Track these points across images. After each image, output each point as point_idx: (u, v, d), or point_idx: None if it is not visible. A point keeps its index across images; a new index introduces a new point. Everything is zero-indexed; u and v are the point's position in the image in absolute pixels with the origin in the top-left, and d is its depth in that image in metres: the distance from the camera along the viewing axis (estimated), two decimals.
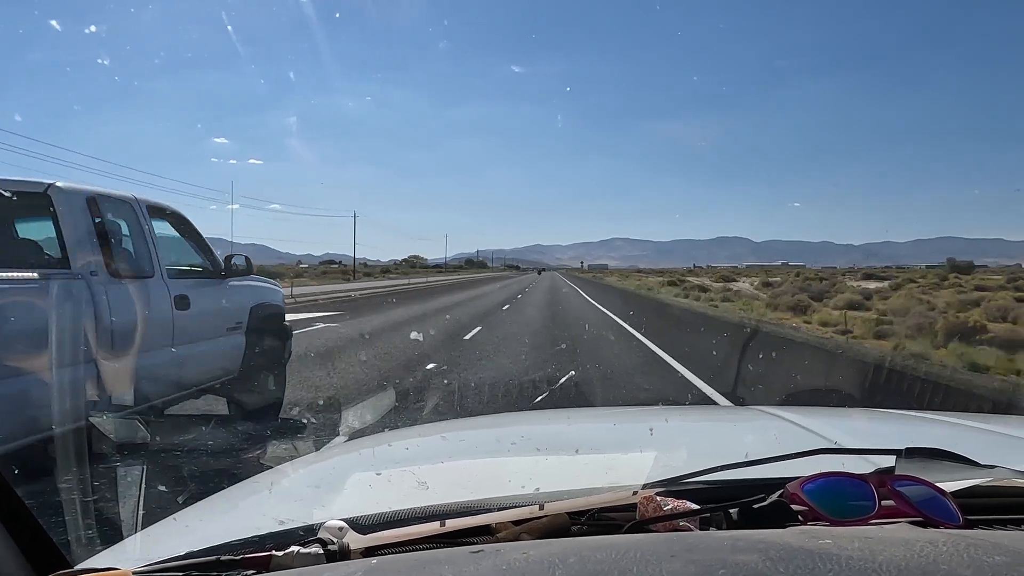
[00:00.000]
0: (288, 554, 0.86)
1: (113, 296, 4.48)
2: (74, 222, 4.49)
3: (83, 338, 4.18)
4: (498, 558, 0.72)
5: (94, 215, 4.65)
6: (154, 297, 4.95)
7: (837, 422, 1.92)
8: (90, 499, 3.70)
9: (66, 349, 3.98)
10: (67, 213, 4.48)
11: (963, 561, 0.65)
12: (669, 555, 0.68)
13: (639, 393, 8.03)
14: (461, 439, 1.83)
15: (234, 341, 5.93)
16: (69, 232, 4.44)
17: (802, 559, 0.65)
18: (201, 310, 5.45)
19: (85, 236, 4.51)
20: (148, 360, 4.67)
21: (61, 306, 4.09)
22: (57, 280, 4.19)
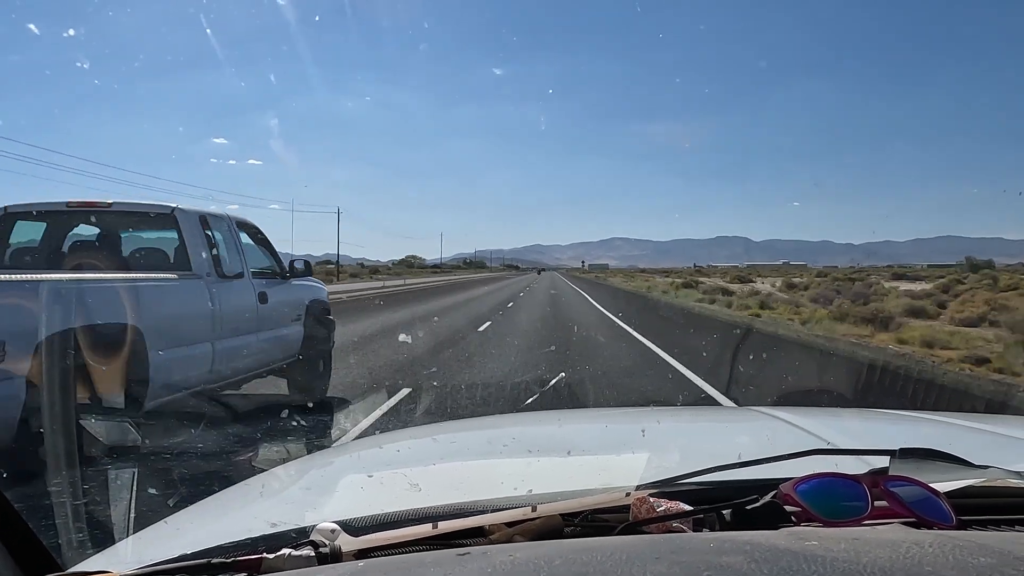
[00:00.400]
0: (279, 556, 0.86)
1: (220, 292, 5.75)
2: (192, 235, 5.77)
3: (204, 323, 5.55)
4: (484, 560, 0.72)
5: (204, 229, 5.92)
6: (245, 293, 6.24)
7: (831, 422, 1.93)
8: (81, 502, 3.69)
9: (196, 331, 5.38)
10: (187, 228, 5.76)
11: (948, 562, 0.65)
12: (654, 557, 0.69)
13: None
14: (453, 441, 1.84)
15: (296, 330, 7.10)
16: (190, 243, 5.73)
17: (787, 561, 0.65)
18: (275, 304, 6.64)
19: (201, 246, 5.79)
20: (240, 342, 5.93)
21: (190, 299, 5.45)
22: (187, 280, 5.55)
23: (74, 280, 4.66)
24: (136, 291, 4.82)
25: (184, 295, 5.48)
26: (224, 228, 6.36)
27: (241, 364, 6.08)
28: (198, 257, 5.76)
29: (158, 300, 5.14)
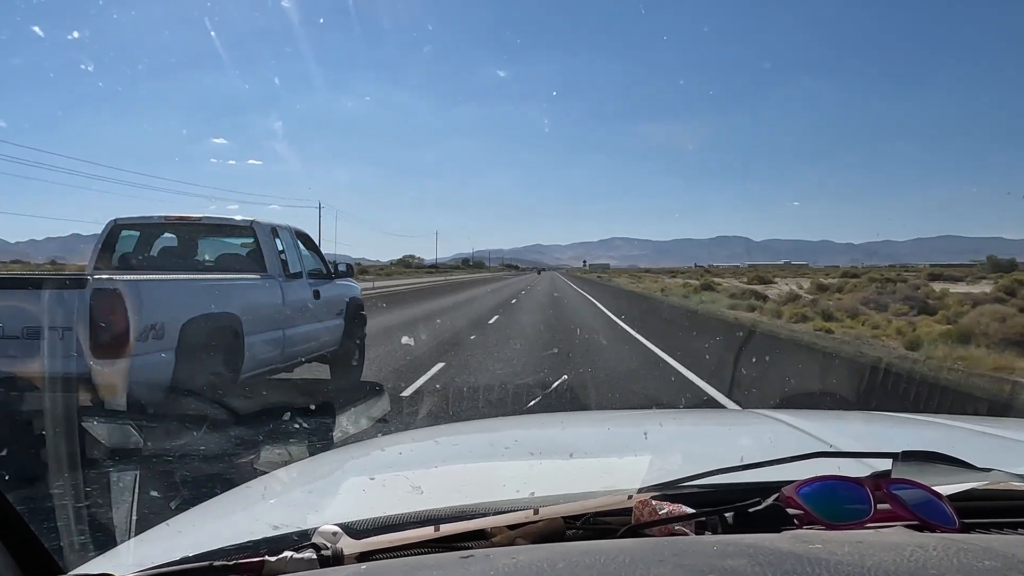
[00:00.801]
0: (282, 559, 0.86)
1: (287, 289, 6.97)
2: (266, 243, 7.04)
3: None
4: (487, 563, 0.72)
5: (274, 238, 7.20)
6: (303, 291, 7.38)
7: (833, 425, 1.92)
8: (83, 504, 3.70)
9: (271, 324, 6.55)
10: (262, 238, 7.05)
11: (953, 566, 0.65)
12: (658, 560, 0.69)
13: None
14: (455, 443, 1.84)
15: (338, 322, 8.24)
16: (265, 249, 6.99)
17: (791, 564, 0.65)
18: (324, 300, 7.81)
19: (272, 252, 7.05)
20: (300, 331, 7.09)
21: (267, 294, 6.67)
22: (266, 279, 6.79)
23: (201, 279, 6.24)
24: (237, 288, 6.22)
25: (263, 291, 6.68)
26: (287, 236, 7.59)
27: (299, 349, 7.21)
28: (271, 261, 7.01)
29: (249, 295, 6.38)
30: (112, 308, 4.51)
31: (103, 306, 4.48)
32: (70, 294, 4.50)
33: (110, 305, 4.50)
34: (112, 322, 4.50)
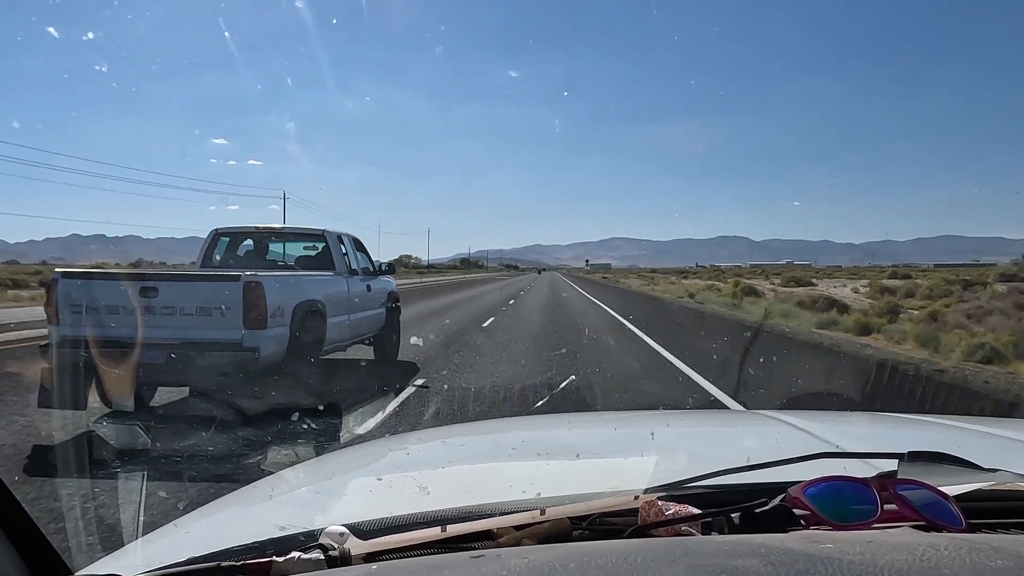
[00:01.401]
0: (289, 560, 0.86)
1: (349, 283, 8.74)
2: (334, 247, 8.89)
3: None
4: (498, 563, 0.72)
5: (339, 243, 9.03)
6: (359, 285, 9.12)
7: (839, 426, 1.92)
8: (91, 505, 3.71)
9: (348, 317, 8.42)
10: (331, 243, 8.93)
11: (965, 565, 0.65)
12: (669, 560, 0.68)
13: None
14: (462, 444, 1.84)
15: (381, 311, 10.00)
16: (334, 252, 8.85)
17: (803, 564, 0.65)
18: (373, 293, 9.63)
19: (339, 254, 8.87)
20: (356, 317, 8.83)
21: (333, 290, 8.14)
22: (336, 277, 8.56)
23: (302, 275, 7.99)
24: (321, 282, 7.97)
25: (335, 284, 8.37)
26: (348, 241, 9.42)
27: (357, 331, 8.97)
28: (338, 261, 8.84)
29: (327, 287, 8.02)
30: (256, 295, 6.18)
31: (250, 294, 6.17)
32: (229, 285, 6.25)
33: (255, 293, 6.18)
34: (256, 304, 6.18)
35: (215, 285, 6.43)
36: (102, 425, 5.57)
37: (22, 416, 6.22)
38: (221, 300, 6.18)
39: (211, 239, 9.03)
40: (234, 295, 6.14)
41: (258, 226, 9.40)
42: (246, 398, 5.79)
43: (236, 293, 6.13)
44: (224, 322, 6.14)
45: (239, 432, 5.69)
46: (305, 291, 7.24)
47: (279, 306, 6.50)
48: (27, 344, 10.54)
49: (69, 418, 5.86)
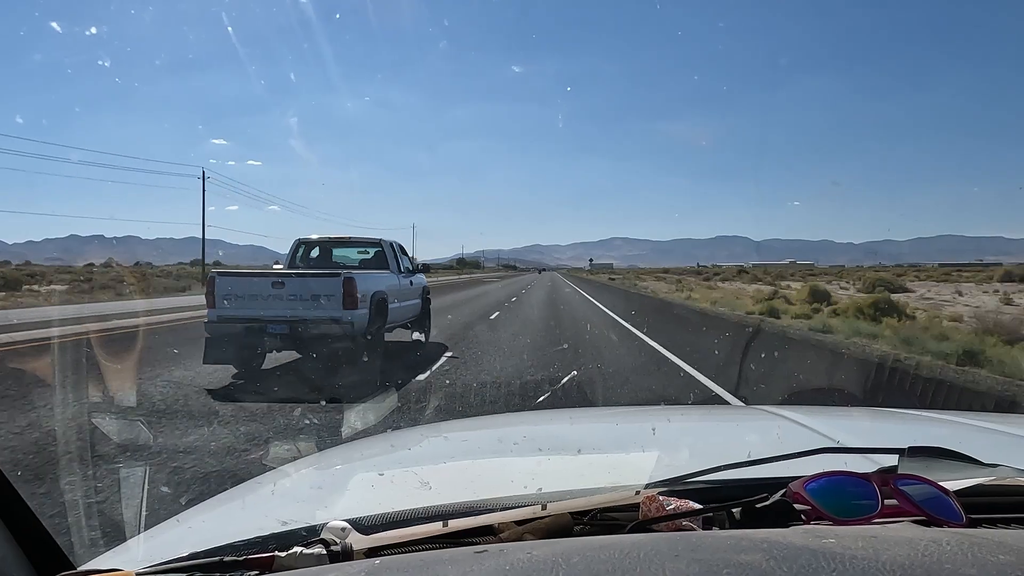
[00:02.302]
0: (291, 555, 0.86)
1: (399, 279, 11.22)
2: (388, 251, 11.51)
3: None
4: (502, 558, 0.72)
5: (393, 248, 11.69)
6: (404, 280, 11.60)
7: (840, 421, 1.91)
8: (93, 500, 3.72)
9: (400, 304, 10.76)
10: (386, 248, 11.58)
11: (967, 560, 0.65)
12: (673, 555, 0.68)
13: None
14: (464, 439, 1.84)
15: (418, 301, 12.59)
16: (388, 255, 11.42)
17: (806, 558, 0.65)
18: (413, 286, 12.19)
19: (392, 257, 11.44)
20: (405, 304, 11.31)
21: (391, 284, 10.57)
22: (391, 274, 11.01)
23: (374, 272, 10.55)
24: (384, 277, 10.64)
25: (392, 279, 10.96)
26: (397, 246, 12.19)
27: (405, 315, 11.58)
28: (391, 262, 11.49)
29: (388, 281, 10.66)
30: (351, 286, 8.89)
31: (347, 285, 8.89)
32: (333, 280, 9.00)
33: (350, 285, 8.90)
34: (351, 293, 8.86)
35: (323, 280, 9.15)
36: (103, 420, 5.60)
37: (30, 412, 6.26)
38: (327, 290, 8.93)
39: (295, 246, 11.73)
40: (336, 286, 8.90)
41: (329, 236, 12.15)
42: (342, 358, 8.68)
43: (337, 285, 8.91)
44: (329, 304, 8.85)
45: (242, 428, 5.71)
46: (376, 284, 10.00)
47: (363, 294, 9.18)
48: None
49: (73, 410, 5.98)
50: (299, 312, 8.74)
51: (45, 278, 40.55)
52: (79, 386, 7.15)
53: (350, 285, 8.86)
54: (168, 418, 6.27)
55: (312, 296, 8.86)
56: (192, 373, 8.74)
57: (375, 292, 9.65)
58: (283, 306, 8.76)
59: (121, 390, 7.16)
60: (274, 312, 8.72)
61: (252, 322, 8.66)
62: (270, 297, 8.84)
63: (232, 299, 8.86)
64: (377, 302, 9.65)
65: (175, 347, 10.68)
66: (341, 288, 8.81)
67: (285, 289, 8.88)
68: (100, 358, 8.96)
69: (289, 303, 8.79)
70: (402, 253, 12.27)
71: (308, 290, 8.92)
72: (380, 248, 11.66)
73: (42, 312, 19.35)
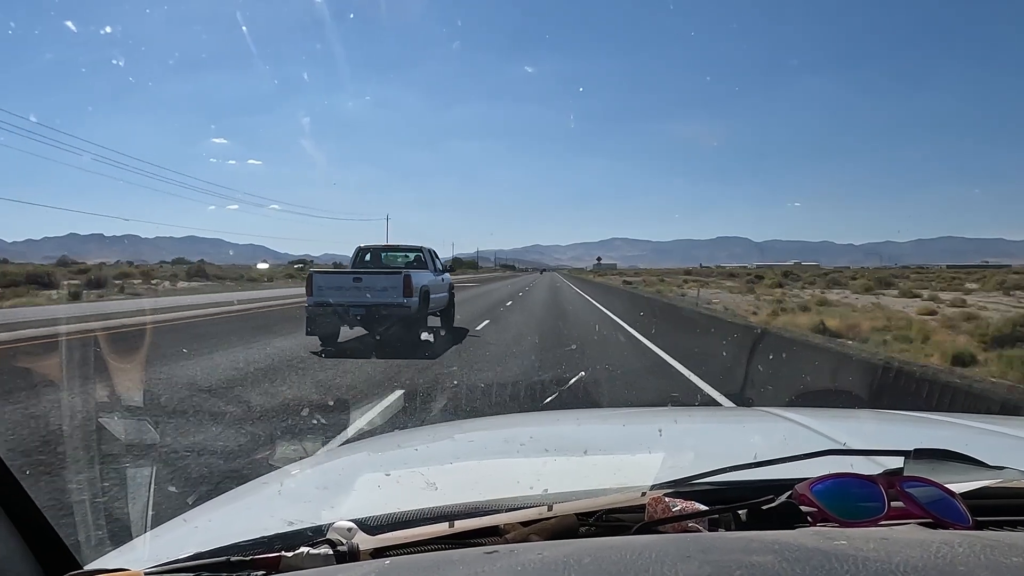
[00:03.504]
0: (298, 555, 0.86)
1: (436, 277, 14.88)
2: (428, 256, 15.42)
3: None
4: (513, 558, 0.72)
5: (430, 253, 15.57)
6: (438, 277, 15.12)
7: (845, 424, 1.91)
8: (100, 499, 3.73)
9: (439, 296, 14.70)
10: (426, 252, 15.51)
11: (980, 562, 0.64)
12: (684, 556, 0.68)
13: None
14: (470, 440, 1.84)
15: (446, 294, 15.72)
16: (427, 258, 15.30)
17: (818, 560, 0.64)
18: (444, 282, 15.55)
19: (430, 259, 15.34)
20: (438, 295, 14.60)
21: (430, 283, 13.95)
22: (430, 272, 14.71)
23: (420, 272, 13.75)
24: (427, 275, 13.96)
25: (431, 276, 14.21)
26: (432, 252, 15.62)
27: (439, 305, 14.77)
28: (429, 263, 14.92)
29: (428, 278, 13.83)
30: (409, 280, 12.31)
31: (406, 279, 12.32)
32: (396, 276, 12.55)
33: (408, 279, 12.32)
34: (409, 285, 12.24)
35: (390, 276, 12.82)
36: (110, 419, 5.63)
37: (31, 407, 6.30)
38: (392, 283, 12.46)
39: (357, 251, 15.58)
40: (399, 280, 12.50)
41: (380, 244, 16.27)
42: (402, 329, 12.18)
43: (399, 279, 12.54)
44: (393, 293, 12.36)
45: (248, 427, 5.73)
46: (423, 279, 13.40)
47: (416, 286, 12.65)
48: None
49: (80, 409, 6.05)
50: (373, 299, 12.26)
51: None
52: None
53: (408, 280, 12.45)
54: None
55: (382, 288, 12.36)
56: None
57: (422, 285, 13.12)
58: (360, 294, 12.27)
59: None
60: (354, 299, 12.23)
61: (339, 306, 12.14)
62: (351, 288, 12.36)
63: (325, 290, 12.31)
64: (423, 292, 13.06)
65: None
66: (402, 282, 12.40)
67: (362, 283, 12.44)
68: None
69: (365, 292, 12.31)
70: (436, 257, 15.85)
71: (379, 283, 12.46)
72: (420, 253, 15.36)
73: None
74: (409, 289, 12.36)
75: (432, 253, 15.61)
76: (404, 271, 12.91)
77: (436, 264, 15.45)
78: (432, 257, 15.40)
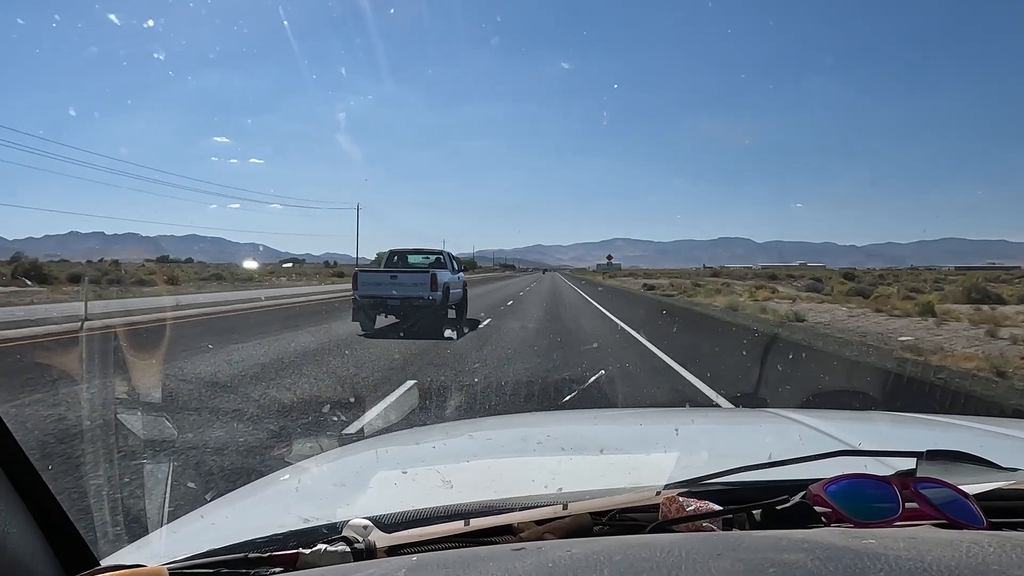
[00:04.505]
0: (315, 552, 0.86)
1: (454, 275, 17.58)
2: (448, 258, 18.45)
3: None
4: (541, 556, 0.71)
5: (448, 255, 18.67)
6: (456, 276, 17.95)
7: (857, 426, 1.90)
8: (119, 495, 3.75)
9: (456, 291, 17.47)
10: (445, 255, 18.53)
11: (1013, 562, 0.63)
12: (716, 554, 0.67)
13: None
14: (487, 438, 1.83)
15: (461, 290, 18.32)
16: (446, 259, 18.20)
17: (850, 559, 0.64)
18: (459, 280, 18.34)
19: (449, 260, 18.32)
20: (455, 291, 17.33)
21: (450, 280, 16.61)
22: (449, 272, 17.24)
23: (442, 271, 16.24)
24: (447, 273, 16.55)
25: (450, 275, 16.72)
26: (450, 255, 18.54)
27: (455, 298, 17.12)
28: (448, 264, 17.63)
29: (448, 276, 16.40)
30: (435, 277, 15.13)
31: (433, 276, 15.10)
32: (424, 273, 15.32)
33: (434, 276, 15.12)
34: (435, 281, 15.08)
35: (419, 274, 15.32)
36: (129, 415, 5.66)
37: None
38: (421, 280, 15.03)
39: (387, 254, 18.67)
40: (426, 278, 15.02)
41: (407, 248, 18.63)
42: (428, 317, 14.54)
43: (427, 276, 15.06)
44: (422, 288, 14.92)
45: (264, 423, 5.75)
46: (444, 277, 15.82)
47: (440, 282, 15.19)
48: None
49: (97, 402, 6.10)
50: (405, 292, 15.00)
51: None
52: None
53: (434, 277, 15.16)
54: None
55: (413, 284, 15.10)
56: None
57: (444, 282, 15.71)
58: (396, 289, 15.06)
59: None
60: (391, 292, 15.06)
61: (379, 298, 15.13)
62: (388, 284, 15.18)
63: (368, 285, 15.20)
64: (445, 287, 15.72)
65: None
66: (429, 279, 15.09)
67: (397, 280, 15.20)
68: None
69: (399, 287, 15.07)
70: (453, 259, 18.83)
71: (410, 280, 15.18)
72: (440, 256, 18.24)
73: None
74: (435, 285, 15.04)
75: (450, 255, 18.60)
76: (431, 270, 15.50)
77: (453, 265, 18.27)
78: (450, 259, 18.33)
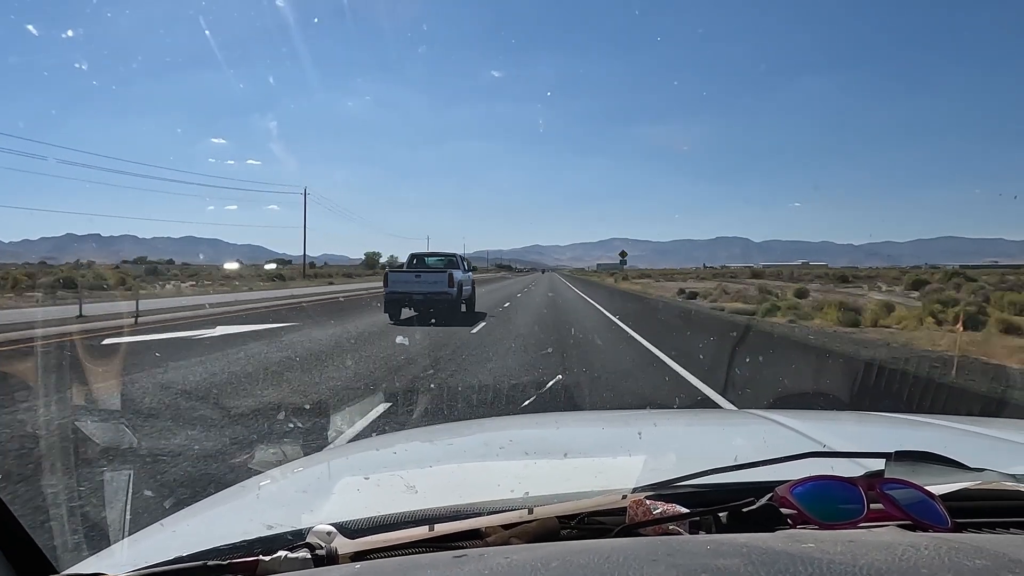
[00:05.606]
0: (276, 559, 0.88)
1: (466, 274, 22.32)
2: (460, 259, 22.98)
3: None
4: (481, 563, 0.74)
5: (460, 257, 23.33)
6: (467, 275, 22.41)
7: (827, 425, 1.93)
8: (77, 504, 3.74)
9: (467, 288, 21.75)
10: (459, 257, 23.11)
11: (943, 565, 0.66)
12: (651, 559, 0.70)
13: None
14: (450, 443, 1.85)
15: (471, 288, 22.83)
16: (459, 261, 22.61)
17: (784, 563, 0.66)
18: (469, 278, 22.82)
19: (461, 262, 22.88)
20: (467, 288, 21.73)
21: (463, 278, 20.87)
22: (462, 271, 21.47)
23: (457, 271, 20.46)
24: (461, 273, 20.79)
25: (463, 274, 21.11)
26: (462, 256, 23.31)
27: (466, 296, 21.26)
28: (461, 264, 22.10)
29: (462, 275, 20.77)
30: (453, 276, 19.58)
31: (450, 275, 19.54)
32: (443, 273, 19.75)
33: (452, 275, 19.57)
34: (452, 280, 19.46)
35: (439, 273, 19.41)
36: (87, 423, 5.63)
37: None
38: (441, 278, 19.20)
39: (410, 257, 22.92)
40: (444, 276, 19.23)
41: (425, 251, 23.58)
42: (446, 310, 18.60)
43: (445, 276, 19.26)
44: (442, 285, 19.05)
45: (227, 431, 5.74)
46: (459, 276, 19.44)
47: (455, 280, 19.15)
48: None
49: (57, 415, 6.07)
50: (428, 289, 18.76)
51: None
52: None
53: (452, 276, 19.09)
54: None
55: (434, 281, 18.94)
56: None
57: (459, 280, 19.42)
58: (420, 286, 18.85)
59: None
60: (416, 289, 18.83)
61: (406, 294, 18.86)
62: (413, 282, 19.03)
63: (396, 283, 19.02)
64: (459, 284, 19.38)
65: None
66: (447, 278, 19.02)
67: (420, 278, 19.04)
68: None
69: (423, 284, 18.87)
70: (464, 260, 22.83)
71: (432, 278, 19.03)
72: (454, 257, 22.29)
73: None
74: (452, 282, 19.09)
75: (462, 257, 22.93)
76: (448, 270, 19.71)
77: (464, 265, 22.43)
78: (462, 260, 22.53)
